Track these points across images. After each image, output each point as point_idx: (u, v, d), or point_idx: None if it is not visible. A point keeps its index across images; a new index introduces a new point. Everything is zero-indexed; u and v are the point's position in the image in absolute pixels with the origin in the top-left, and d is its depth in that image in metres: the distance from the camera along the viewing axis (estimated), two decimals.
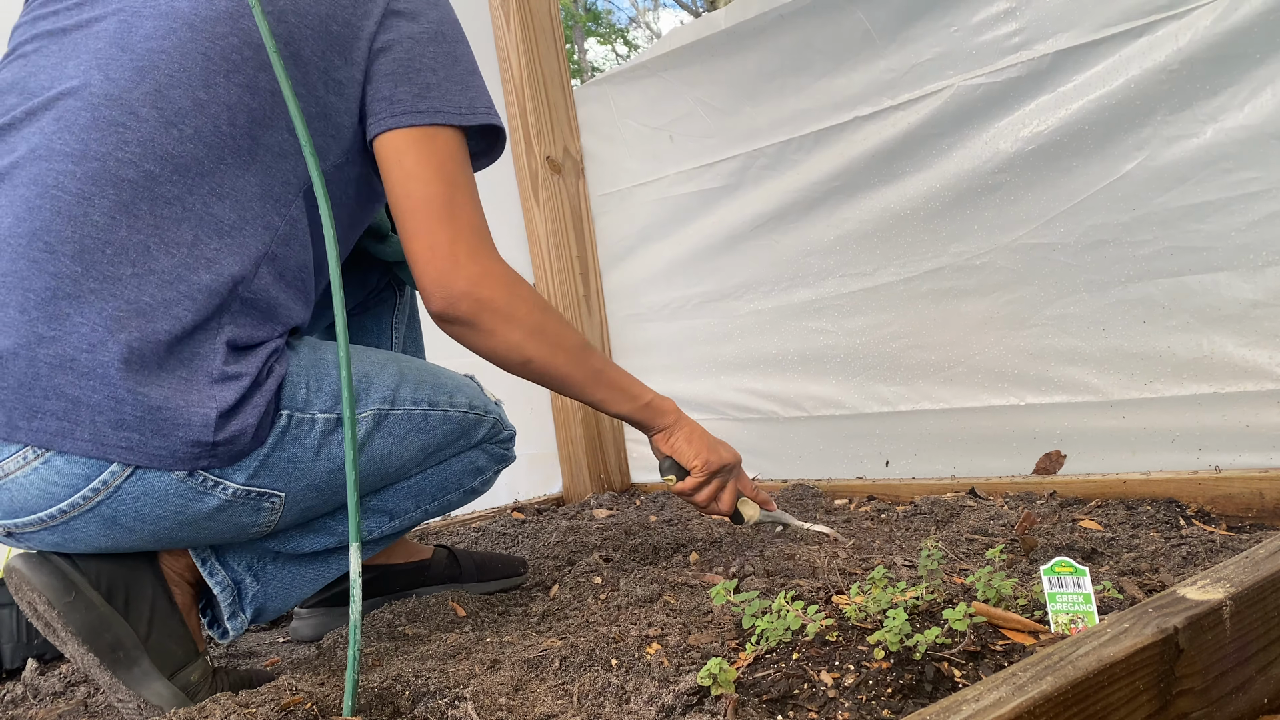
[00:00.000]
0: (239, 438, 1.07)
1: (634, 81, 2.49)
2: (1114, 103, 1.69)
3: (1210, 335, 1.66)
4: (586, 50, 21.11)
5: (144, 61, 1.08)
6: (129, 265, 1.02)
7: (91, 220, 1.02)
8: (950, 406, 2.01)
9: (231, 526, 1.14)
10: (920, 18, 1.93)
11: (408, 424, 1.27)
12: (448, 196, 1.20)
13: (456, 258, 1.20)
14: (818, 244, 2.18)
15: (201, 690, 1.13)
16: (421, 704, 1.05)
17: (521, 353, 1.27)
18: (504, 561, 1.71)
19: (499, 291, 1.23)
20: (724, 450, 1.51)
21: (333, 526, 1.28)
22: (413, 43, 1.21)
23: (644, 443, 2.74)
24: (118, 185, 1.04)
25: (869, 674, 0.93)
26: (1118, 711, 0.77)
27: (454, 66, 1.23)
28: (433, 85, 1.21)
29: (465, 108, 1.22)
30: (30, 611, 1.10)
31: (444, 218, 1.20)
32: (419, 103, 1.20)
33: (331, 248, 1.03)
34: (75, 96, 1.06)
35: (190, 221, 1.06)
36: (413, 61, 1.21)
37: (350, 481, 0.98)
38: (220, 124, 1.09)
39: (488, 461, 1.45)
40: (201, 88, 1.08)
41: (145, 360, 1.02)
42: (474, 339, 1.26)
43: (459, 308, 1.22)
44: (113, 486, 1.04)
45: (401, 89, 1.19)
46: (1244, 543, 1.38)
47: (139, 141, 1.05)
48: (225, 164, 1.09)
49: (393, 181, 1.21)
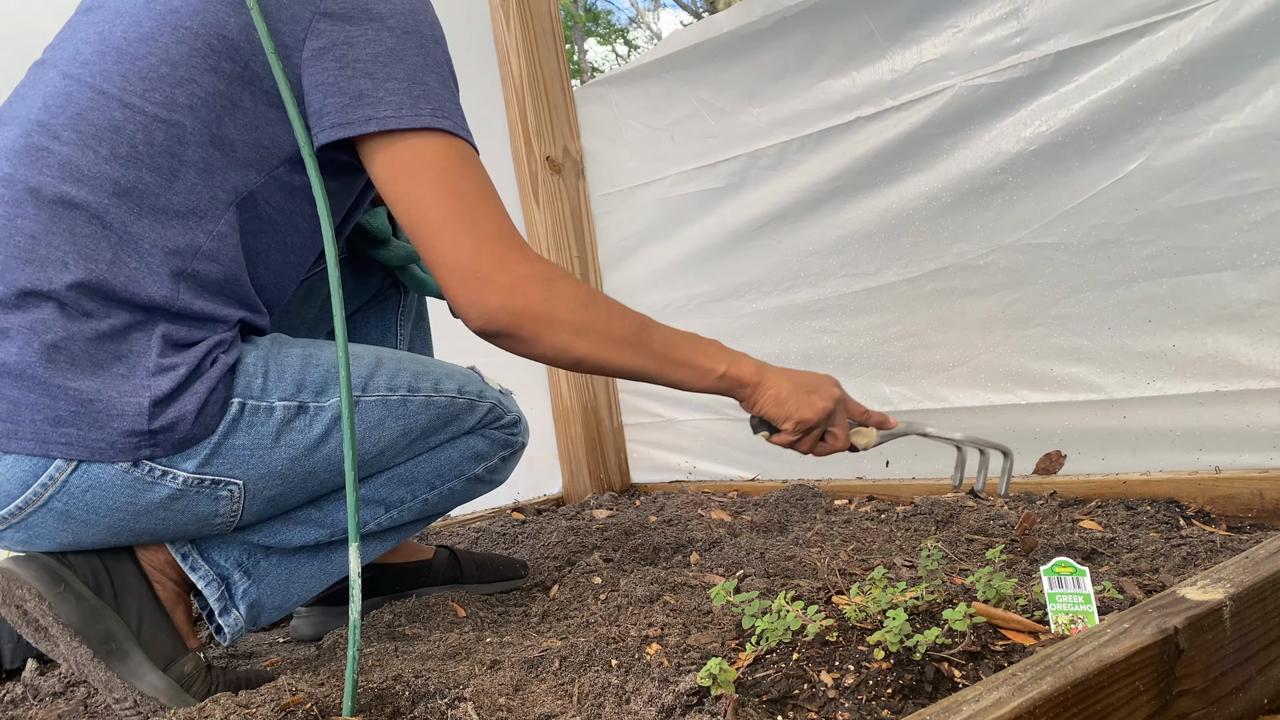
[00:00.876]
0: (178, 425, 1.08)
1: (635, 82, 2.49)
2: (1116, 103, 1.69)
3: (1215, 334, 1.66)
4: (586, 51, 21.12)
5: (72, 87, 1.11)
6: (47, 281, 1.05)
7: (14, 240, 1.06)
8: (951, 405, 2.01)
9: (191, 517, 1.14)
10: (922, 19, 1.93)
11: (382, 410, 1.25)
12: (455, 209, 1.15)
13: (483, 272, 1.16)
14: (820, 244, 2.18)
15: (195, 682, 1.13)
16: (421, 704, 1.05)
17: (571, 353, 1.23)
18: (505, 563, 1.71)
19: (534, 298, 1.18)
20: (819, 399, 1.38)
21: (319, 518, 1.27)
22: (347, 47, 1.15)
23: (644, 443, 2.76)
24: (38, 206, 1.07)
25: (869, 674, 0.93)
26: (1118, 712, 0.77)
27: (395, 66, 1.15)
28: (366, 91, 1.14)
29: (408, 109, 1.15)
30: (18, 615, 1.10)
31: (460, 233, 1.15)
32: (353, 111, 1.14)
33: (331, 248, 1.03)
34: (16, 124, 1.11)
35: (109, 240, 1.08)
36: (346, 67, 1.14)
37: (350, 481, 0.98)
38: (136, 143, 1.10)
39: (489, 447, 1.42)
40: (118, 108, 1.10)
41: (73, 358, 1.04)
42: (520, 348, 1.23)
43: (498, 321, 1.18)
44: (59, 481, 1.06)
45: (330, 99, 1.14)
46: (1244, 543, 1.38)
47: (59, 164, 1.08)
48: (143, 183, 1.10)
49: (393, 204, 1.18)
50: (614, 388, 2.74)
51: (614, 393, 2.73)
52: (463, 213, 1.15)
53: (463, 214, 1.15)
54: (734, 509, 2.08)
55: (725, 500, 2.23)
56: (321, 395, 1.19)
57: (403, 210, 1.16)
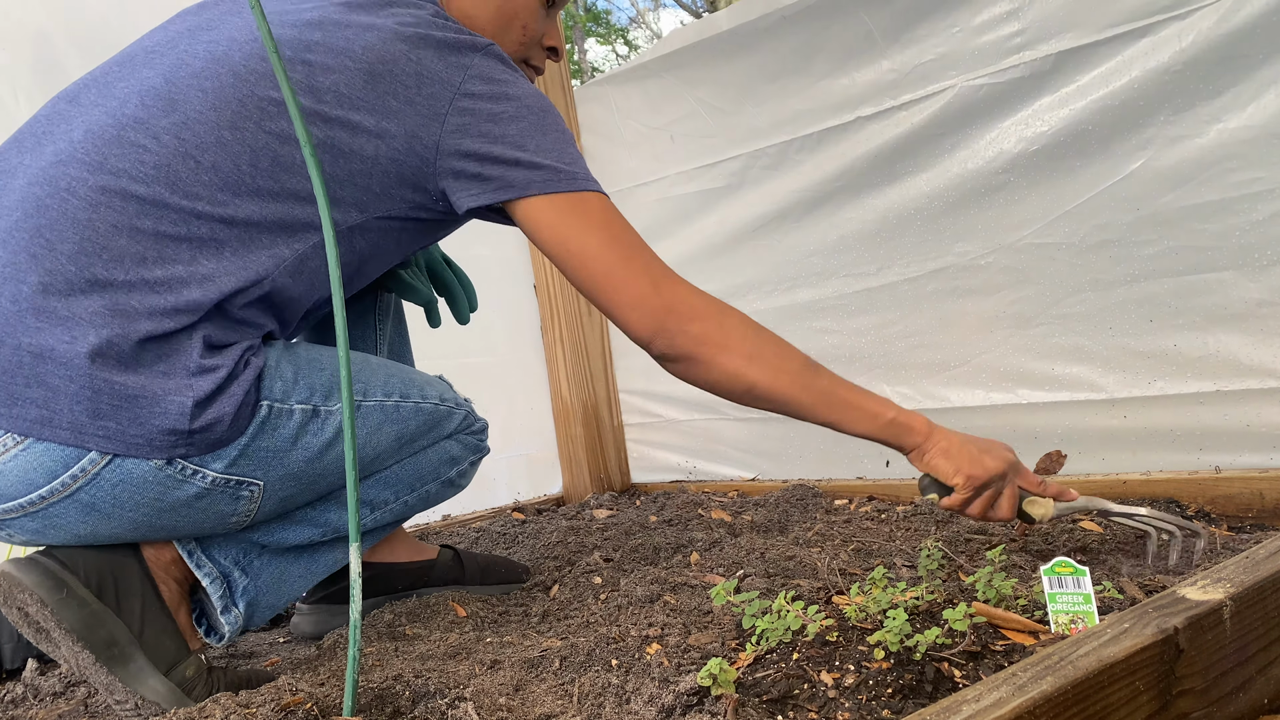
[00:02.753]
0: (215, 426, 1.10)
1: (635, 82, 2.49)
2: (1117, 103, 1.69)
3: (1216, 334, 1.66)
4: (586, 51, 21.11)
5: (179, 95, 1.15)
6: (122, 272, 1.07)
7: (94, 226, 1.07)
8: (952, 405, 2.01)
9: (211, 515, 1.16)
10: (923, 18, 1.92)
11: (380, 415, 1.31)
12: (626, 256, 1.27)
13: (665, 305, 1.26)
14: (820, 244, 2.18)
15: (197, 686, 1.13)
16: (421, 704, 1.05)
17: (742, 380, 1.28)
18: (508, 566, 1.71)
19: (709, 323, 1.27)
20: (989, 460, 1.33)
21: (314, 517, 1.30)
22: (492, 123, 1.24)
23: (644, 443, 2.75)
24: (126, 199, 1.09)
25: (869, 674, 0.93)
26: (1118, 712, 0.77)
27: (542, 137, 1.27)
28: (523, 160, 1.24)
29: (565, 174, 1.27)
30: (20, 617, 1.10)
31: (635, 275, 1.26)
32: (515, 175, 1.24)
33: (331, 249, 1.03)
34: (108, 115, 1.13)
35: (191, 244, 1.11)
36: (497, 142, 1.24)
37: (350, 481, 0.98)
38: (241, 163, 1.14)
39: (462, 452, 1.49)
40: (228, 128, 1.14)
41: (121, 354, 1.05)
42: (696, 372, 1.29)
43: (677, 346, 1.26)
44: (91, 473, 1.07)
45: (489, 168, 1.24)
46: (1244, 543, 1.38)
47: (155, 164, 1.11)
48: (240, 198, 1.14)
49: (560, 258, 1.27)
50: (614, 387, 2.74)
51: (614, 392, 2.73)
52: (633, 259, 1.27)
53: (633, 259, 1.27)
54: (734, 509, 2.08)
55: (725, 500, 2.23)
56: (329, 399, 1.23)
57: (575, 262, 1.27)
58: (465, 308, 1.69)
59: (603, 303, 1.28)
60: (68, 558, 1.12)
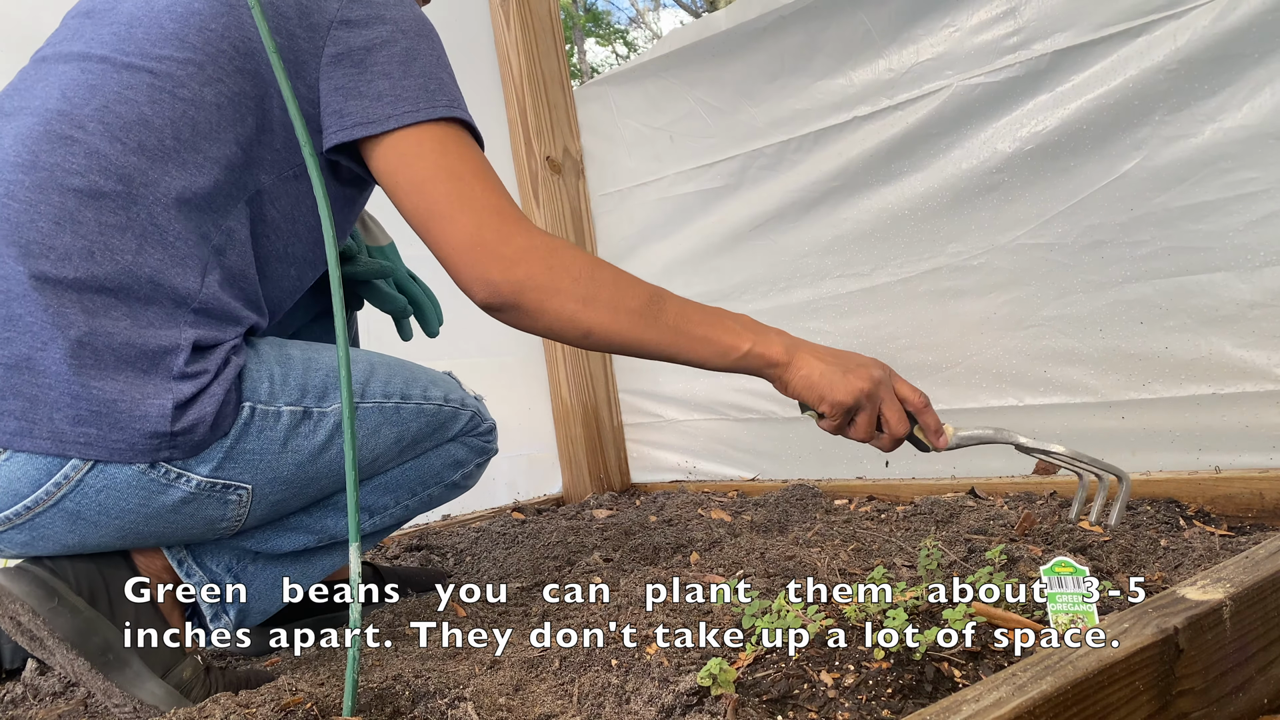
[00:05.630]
0: (197, 427, 1.08)
1: (634, 82, 2.49)
2: (1112, 103, 1.69)
3: (1208, 336, 1.66)
4: (586, 52, 21.10)
5: (96, 80, 1.12)
6: (70, 269, 1.04)
7: (37, 226, 1.05)
8: (948, 407, 2.01)
9: (199, 521, 1.15)
10: (919, 18, 1.93)
11: (379, 416, 1.27)
12: (453, 189, 1.17)
13: (485, 245, 1.15)
14: (816, 244, 2.18)
15: (195, 687, 1.13)
16: (421, 704, 1.05)
17: (578, 324, 1.18)
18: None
19: (536, 267, 1.16)
20: (855, 379, 1.23)
21: (309, 524, 1.28)
22: (365, 52, 1.18)
23: (644, 443, 2.75)
24: (63, 194, 1.06)
25: (869, 674, 0.93)
26: (1118, 711, 0.77)
27: (410, 65, 1.19)
28: (385, 91, 1.17)
29: (425, 103, 1.18)
30: (13, 626, 1.09)
31: (459, 211, 1.16)
32: (375, 109, 1.17)
33: (331, 249, 1.03)
34: (33, 114, 1.11)
35: (134, 230, 1.08)
36: (365, 71, 1.18)
37: (350, 482, 0.98)
38: (164, 137, 1.11)
39: (467, 454, 1.44)
40: (147, 104, 1.11)
41: (97, 354, 1.04)
42: (525, 320, 1.19)
43: (501, 294, 1.16)
44: (74, 481, 1.06)
45: (352, 102, 1.17)
46: (1244, 543, 1.38)
47: (85, 153, 1.08)
48: (170, 176, 1.11)
49: (397, 196, 1.19)
50: (614, 387, 2.74)
51: (614, 392, 2.73)
52: (460, 192, 1.17)
53: (461, 193, 1.17)
54: (734, 509, 2.08)
55: (725, 500, 2.23)
56: (324, 401, 1.20)
57: (404, 197, 1.18)
58: (434, 320, 1.66)
59: (431, 246, 1.19)
60: (56, 565, 1.11)
